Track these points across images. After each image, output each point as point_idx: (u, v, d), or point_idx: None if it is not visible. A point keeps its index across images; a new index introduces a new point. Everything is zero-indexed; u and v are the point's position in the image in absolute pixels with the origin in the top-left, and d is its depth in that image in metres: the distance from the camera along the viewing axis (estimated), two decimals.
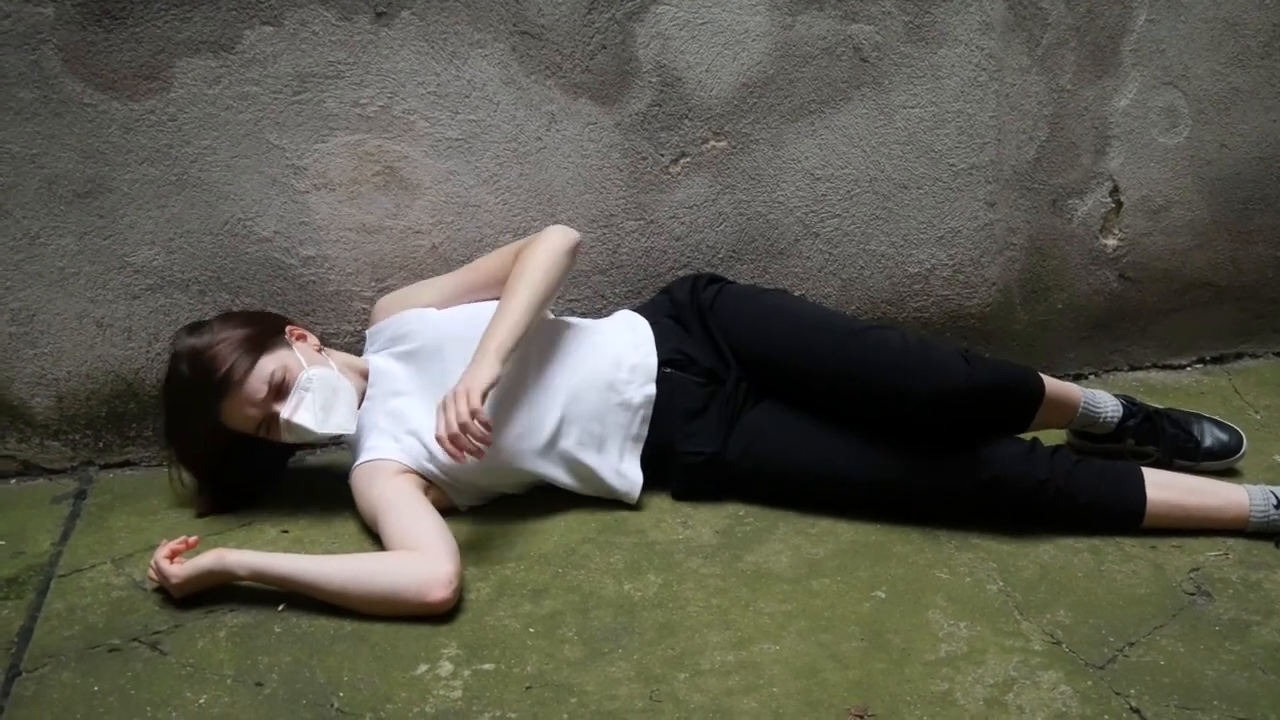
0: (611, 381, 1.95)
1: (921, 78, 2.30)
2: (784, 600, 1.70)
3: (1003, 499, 1.82)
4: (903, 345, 1.89)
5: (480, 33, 2.10)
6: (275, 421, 1.85)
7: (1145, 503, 1.83)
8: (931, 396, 1.82)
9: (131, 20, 1.98)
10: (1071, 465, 1.83)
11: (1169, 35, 2.39)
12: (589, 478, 1.95)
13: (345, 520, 1.94)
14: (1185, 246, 2.54)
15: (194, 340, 1.88)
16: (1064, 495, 1.81)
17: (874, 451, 1.88)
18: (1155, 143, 2.46)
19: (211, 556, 1.68)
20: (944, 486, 1.84)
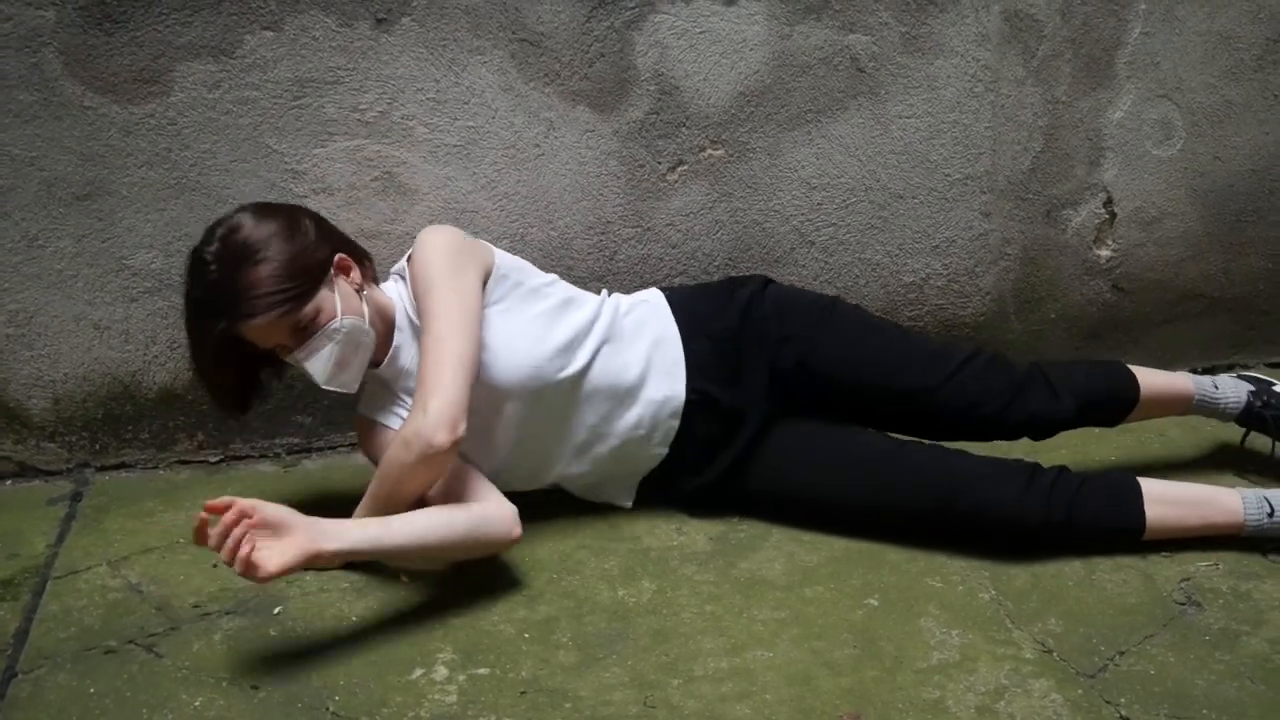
0: (629, 439, 1.90)
1: (918, 88, 2.32)
2: (777, 607, 1.71)
3: (1006, 538, 1.83)
4: (987, 368, 1.97)
5: (480, 40, 2.11)
6: (288, 352, 1.76)
7: (1144, 521, 1.84)
8: (1023, 425, 1.97)
9: (132, 24, 1.98)
10: (1072, 494, 1.83)
11: (1163, 48, 2.41)
12: (592, 491, 1.99)
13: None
14: (1178, 258, 2.56)
15: (239, 250, 1.69)
16: (1065, 527, 1.82)
17: (880, 488, 1.87)
18: (1149, 155, 2.47)
19: (304, 556, 1.54)
20: (933, 505, 1.84)
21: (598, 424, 1.89)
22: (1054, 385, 1.98)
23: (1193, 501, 1.88)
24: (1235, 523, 1.85)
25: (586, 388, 1.87)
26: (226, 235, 1.72)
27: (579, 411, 1.88)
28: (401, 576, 1.79)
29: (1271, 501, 1.85)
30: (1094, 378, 2.05)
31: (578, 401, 1.87)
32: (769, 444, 1.93)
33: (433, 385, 1.68)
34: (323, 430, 2.25)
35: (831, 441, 1.93)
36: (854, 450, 1.91)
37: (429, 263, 1.77)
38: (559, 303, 1.90)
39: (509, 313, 1.85)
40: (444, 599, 1.73)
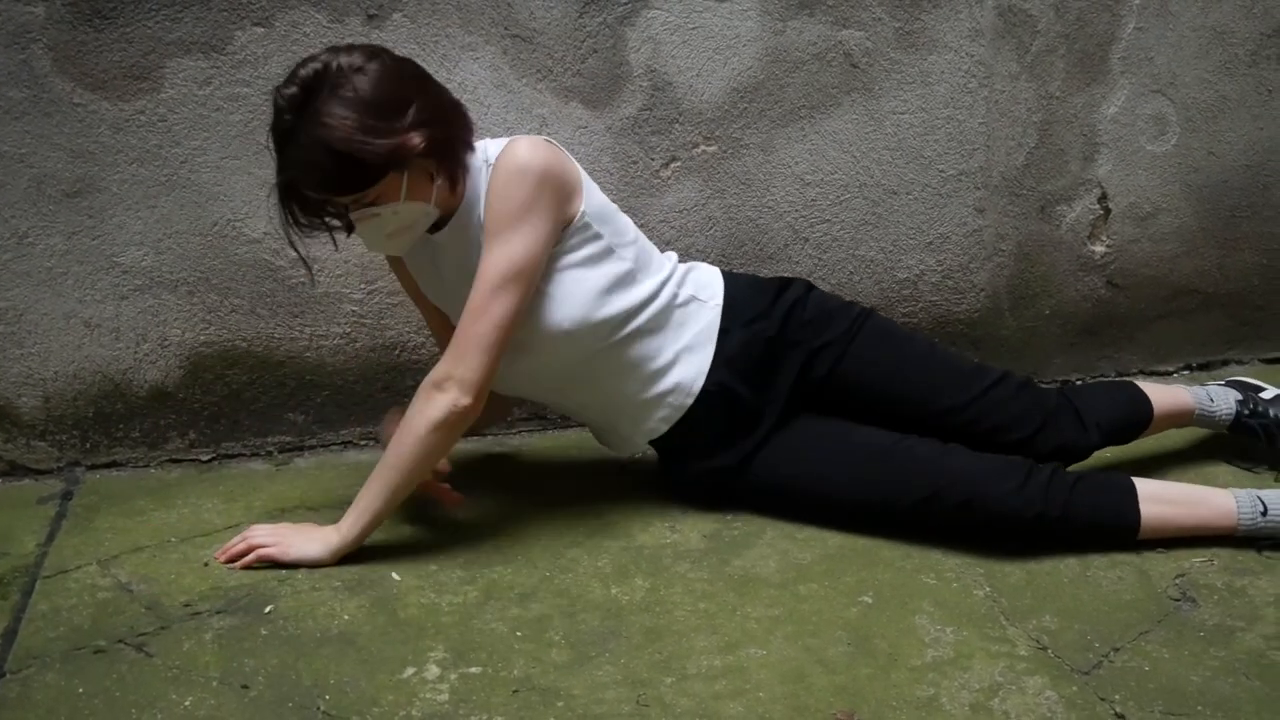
0: (635, 408, 1.92)
1: (911, 84, 2.31)
2: (771, 605, 1.71)
3: (1001, 533, 1.83)
4: (1019, 393, 1.98)
5: (471, 36, 2.10)
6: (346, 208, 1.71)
7: (1139, 520, 1.83)
8: (1051, 454, 1.95)
9: (122, 20, 1.97)
10: (1068, 491, 1.83)
11: (1157, 43, 2.40)
12: (594, 433, 2.06)
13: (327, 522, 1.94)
14: (1173, 253, 2.56)
15: (315, 112, 1.61)
16: (1061, 522, 1.81)
17: (878, 481, 1.87)
18: (1143, 150, 2.47)
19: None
20: (927, 498, 1.84)
21: (608, 389, 1.90)
22: (1082, 416, 2.00)
23: (1187, 501, 1.87)
24: (1229, 524, 1.84)
25: (611, 360, 1.87)
26: (311, 81, 1.62)
27: (593, 374, 1.88)
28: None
29: (1265, 500, 1.85)
30: (1117, 405, 2.07)
31: (596, 367, 1.87)
32: (773, 436, 1.93)
33: (470, 346, 1.72)
34: (315, 428, 2.24)
35: (832, 434, 1.92)
36: (854, 442, 1.91)
37: (506, 198, 1.71)
38: (624, 272, 1.84)
39: (571, 270, 1.80)
40: (435, 597, 1.72)
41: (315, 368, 2.21)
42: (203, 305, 2.13)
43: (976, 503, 1.81)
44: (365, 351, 2.22)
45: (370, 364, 2.23)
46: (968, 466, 1.85)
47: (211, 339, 2.15)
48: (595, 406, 1.96)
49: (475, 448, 2.26)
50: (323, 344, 2.19)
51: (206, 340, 2.15)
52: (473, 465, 2.18)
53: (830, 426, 1.94)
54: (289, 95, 1.62)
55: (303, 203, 1.70)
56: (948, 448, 1.88)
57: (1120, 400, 2.09)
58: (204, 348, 2.15)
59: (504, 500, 2.03)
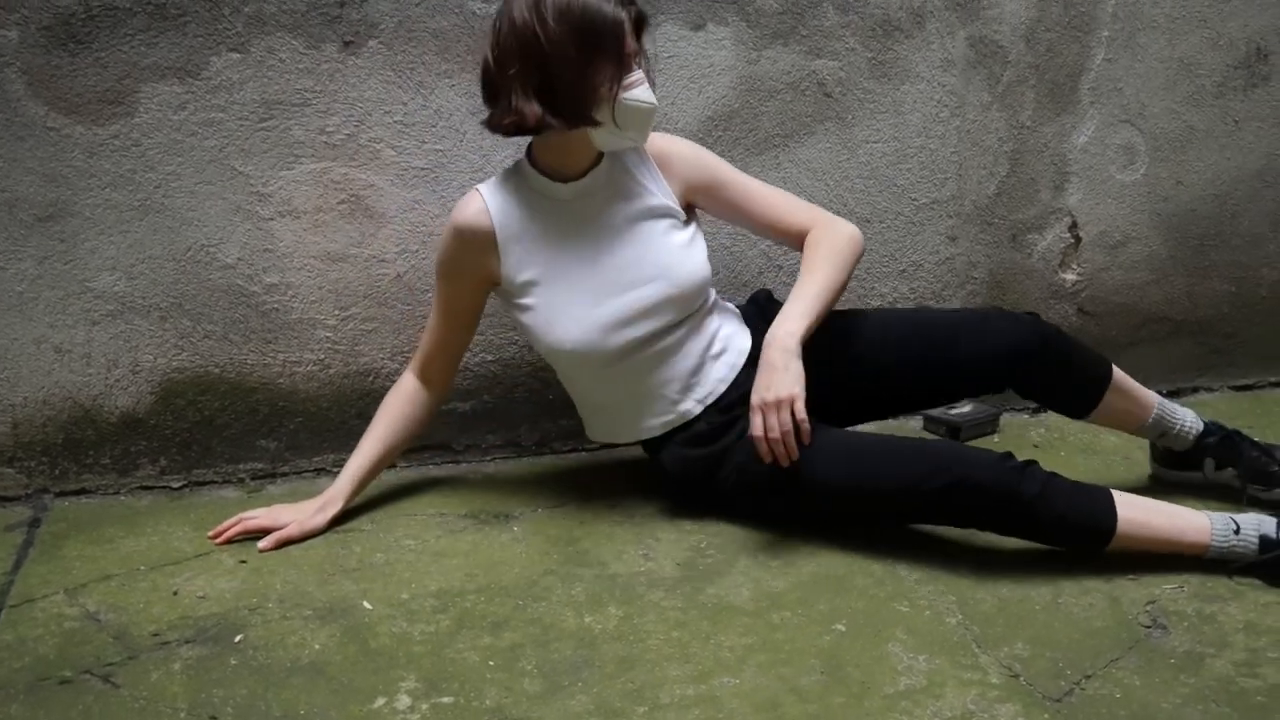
0: (663, 396, 2.00)
1: (884, 113, 2.34)
2: (744, 633, 1.70)
3: (970, 501, 1.83)
4: (976, 316, 2.04)
5: (448, 63, 2.11)
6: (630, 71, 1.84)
7: (1116, 521, 1.84)
8: (1006, 354, 1.97)
9: (97, 45, 1.97)
10: (1045, 478, 1.84)
11: (1126, 74, 2.44)
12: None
13: (304, 550, 1.93)
14: (1142, 281, 2.58)
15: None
16: (1034, 504, 1.81)
17: (850, 454, 1.90)
18: (1113, 179, 2.50)
19: (306, 529, 1.96)
20: (911, 486, 1.85)
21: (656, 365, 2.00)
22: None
23: (1162, 512, 1.88)
24: (1202, 540, 1.85)
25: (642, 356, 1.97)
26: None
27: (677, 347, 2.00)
28: None
29: (1238, 521, 1.86)
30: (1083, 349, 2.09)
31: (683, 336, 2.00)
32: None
33: (815, 210, 2.05)
34: (288, 455, 2.23)
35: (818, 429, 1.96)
36: (837, 435, 1.95)
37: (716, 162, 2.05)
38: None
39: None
40: (407, 626, 1.71)
41: (288, 394, 2.20)
42: (175, 331, 2.12)
43: (953, 467, 1.83)
44: (339, 378, 2.21)
45: (344, 390, 2.22)
46: (949, 448, 1.91)
47: (184, 365, 2.14)
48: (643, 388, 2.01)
49: (449, 473, 2.26)
50: (296, 370, 2.19)
51: (179, 366, 2.14)
52: (446, 491, 2.17)
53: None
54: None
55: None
56: (928, 439, 1.93)
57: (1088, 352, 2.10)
58: (176, 374, 2.14)
59: (476, 528, 2.02)
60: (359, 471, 2.02)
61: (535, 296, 1.95)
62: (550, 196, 1.94)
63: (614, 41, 1.80)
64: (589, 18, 1.78)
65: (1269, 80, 2.52)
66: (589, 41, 1.79)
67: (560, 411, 2.31)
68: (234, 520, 1.97)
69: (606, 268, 1.94)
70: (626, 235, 1.96)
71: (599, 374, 1.98)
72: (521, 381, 2.30)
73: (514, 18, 1.80)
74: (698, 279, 1.98)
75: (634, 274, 1.94)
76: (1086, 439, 2.38)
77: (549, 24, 1.77)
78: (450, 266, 1.98)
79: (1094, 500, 1.85)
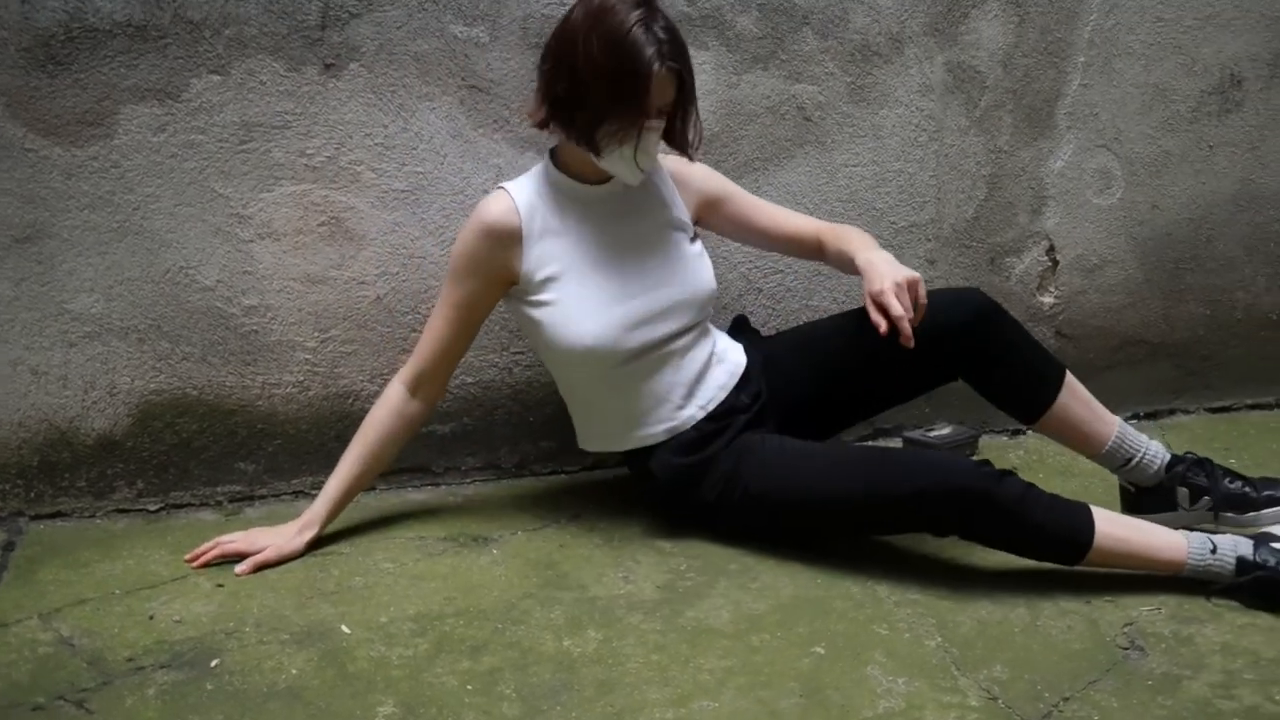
0: (668, 401, 2.02)
1: (863, 137, 2.35)
2: (724, 656, 1.70)
3: (948, 506, 1.83)
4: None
5: (429, 86, 2.11)
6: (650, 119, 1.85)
7: (1093, 534, 1.84)
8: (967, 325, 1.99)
9: (76, 66, 1.97)
10: (1023, 486, 1.85)
11: (1101, 100, 2.46)
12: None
13: (281, 574, 1.91)
14: (1119, 304, 2.60)
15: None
16: (1011, 509, 1.82)
17: (831, 463, 1.93)
18: (1089, 203, 2.52)
19: (284, 552, 1.95)
20: (890, 491, 1.86)
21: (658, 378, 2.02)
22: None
23: (1140, 528, 1.89)
24: (1179, 558, 1.85)
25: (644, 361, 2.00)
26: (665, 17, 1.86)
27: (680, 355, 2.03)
28: None
29: (1215, 541, 1.87)
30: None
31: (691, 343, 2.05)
32: (747, 446, 2.01)
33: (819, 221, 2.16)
34: (266, 478, 2.22)
35: (792, 445, 2.00)
36: (814, 449, 1.99)
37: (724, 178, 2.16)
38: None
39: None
40: (385, 650, 1.70)
41: (267, 416, 2.19)
42: (153, 353, 2.11)
43: (930, 471, 1.84)
44: (318, 400, 2.21)
45: (323, 412, 2.21)
46: (930, 455, 1.97)
47: (161, 387, 2.13)
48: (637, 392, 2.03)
49: (429, 496, 2.25)
50: (275, 392, 2.18)
51: (156, 388, 2.13)
52: (425, 514, 2.16)
53: (787, 440, 2.02)
54: (667, 22, 1.84)
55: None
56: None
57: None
58: (154, 396, 2.13)
59: (455, 550, 2.01)
60: (337, 494, 2.00)
61: (554, 292, 1.95)
62: (575, 197, 1.97)
63: (634, 89, 1.81)
64: (623, 55, 1.79)
65: (1242, 106, 2.55)
66: (614, 77, 1.80)
67: (540, 434, 2.31)
68: (211, 544, 1.96)
69: (628, 269, 1.97)
70: (647, 241, 2.00)
71: (608, 375, 1.99)
72: (501, 404, 2.29)
73: (572, 18, 1.85)
74: (710, 289, 2.05)
75: (654, 278, 1.98)
76: (1065, 461, 2.39)
77: (592, 41, 1.79)
78: (471, 264, 1.95)
79: (1072, 512, 1.86)
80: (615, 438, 2.07)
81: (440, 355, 2.01)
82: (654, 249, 2.01)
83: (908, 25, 2.32)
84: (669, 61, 1.81)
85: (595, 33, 1.80)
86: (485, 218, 1.94)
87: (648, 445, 2.04)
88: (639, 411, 2.02)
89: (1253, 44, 2.52)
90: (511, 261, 1.95)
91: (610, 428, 2.07)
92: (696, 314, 2.03)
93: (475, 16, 2.10)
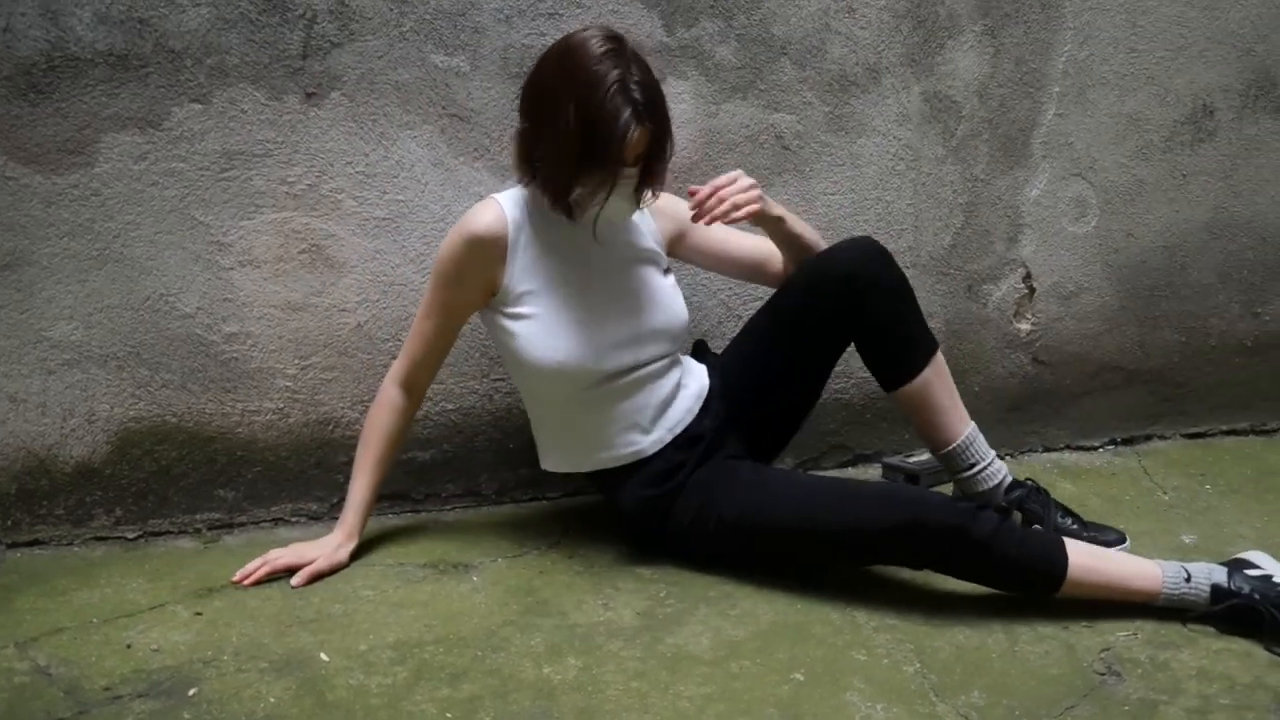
0: (635, 424, 2.03)
1: (841, 165, 2.38)
2: (703, 683, 1.70)
3: (922, 540, 1.85)
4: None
5: (409, 115, 2.13)
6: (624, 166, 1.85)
7: (1067, 566, 1.86)
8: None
9: (57, 95, 1.97)
10: (998, 521, 1.87)
11: (1076, 129, 2.49)
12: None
13: (260, 602, 1.91)
14: (1095, 331, 2.63)
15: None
16: (986, 544, 1.83)
17: (803, 494, 1.95)
18: (1065, 231, 2.55)
19: (334, 562, 2.00)
20: (864, 525, 1.87)
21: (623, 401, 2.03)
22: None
23: (1113, 559, 1.91)
24: (1153, 587, 1.87)
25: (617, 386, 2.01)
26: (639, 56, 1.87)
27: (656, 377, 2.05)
28: None
29: (1188, 569, 1.88)
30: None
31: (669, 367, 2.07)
32: (717, 474, 2.03)
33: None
34: (245, 505, 2.22)
35: (761, 474, 2.04)
36: (791, 477, 2.08)
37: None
38: None
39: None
40: (364, 678, 1.70)
41: (247, 443, 2.19)
42: (132, 380, 2.11)
43: (912, 521, 1.84)
44: (298, 427, 2.20)
45: (303, 440, 2.21)
46: (905, 489, 1.99)
47: (141, 414, 2.13)
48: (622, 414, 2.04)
49: (409, 522, 2.25)
50: (255, 419, 2.18)
51: (136, 415, 2.13)
52: (405, 541, 2.16)
53: (760, 468, 2.06)
54: (634, 52, 1.86)
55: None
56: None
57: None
58: (133, 423, 2.13)
59: (435, 578, 2.01)
60: (366, 502, 2.05)
61: (531, 307, 1.96)
62: (559, 219, 1.95)
63: (610, 153, 1.81)
64: (600, 125, 1.79)
65: (1215, 136, 2.58)
66: (590, 147, 1.80)
67: (520, 460, 2.31)
68: (259, 562, 1.98)
69: (609, 291, 1.99)
70: (628, 268, 2.03)
71: (579, 395, 1.99)
72: (482, 430, 2.30)
73: (546, 72, 1.87)
74: (685, 320, 2.09)
75: (634, 302, 2.01)
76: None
77: (569, 111, 1.79)
78: (456, 269, 1.96)
79: (1046, 545, 1.88)
80: (579, 458, 2.08)
81: (428, 356, 2.04)
82: (634, 276, 2.03)
83: (884, 56, 2.35)
84: (646, 121, 1.82)
85: (572, 101, 1.80)
86: (474, 226, 1.94)
87: (610, 468, 2.04)
88: (606, 434, 2.03)
89: (1224, 74, 2.55)
90: (495, 271, 1.96)
91: (575, 448, 2.07)
92: (671, 344, 2.06)
93: (456, 46, 2.12)
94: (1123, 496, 2.38)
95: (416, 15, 2.09)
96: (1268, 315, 2.72)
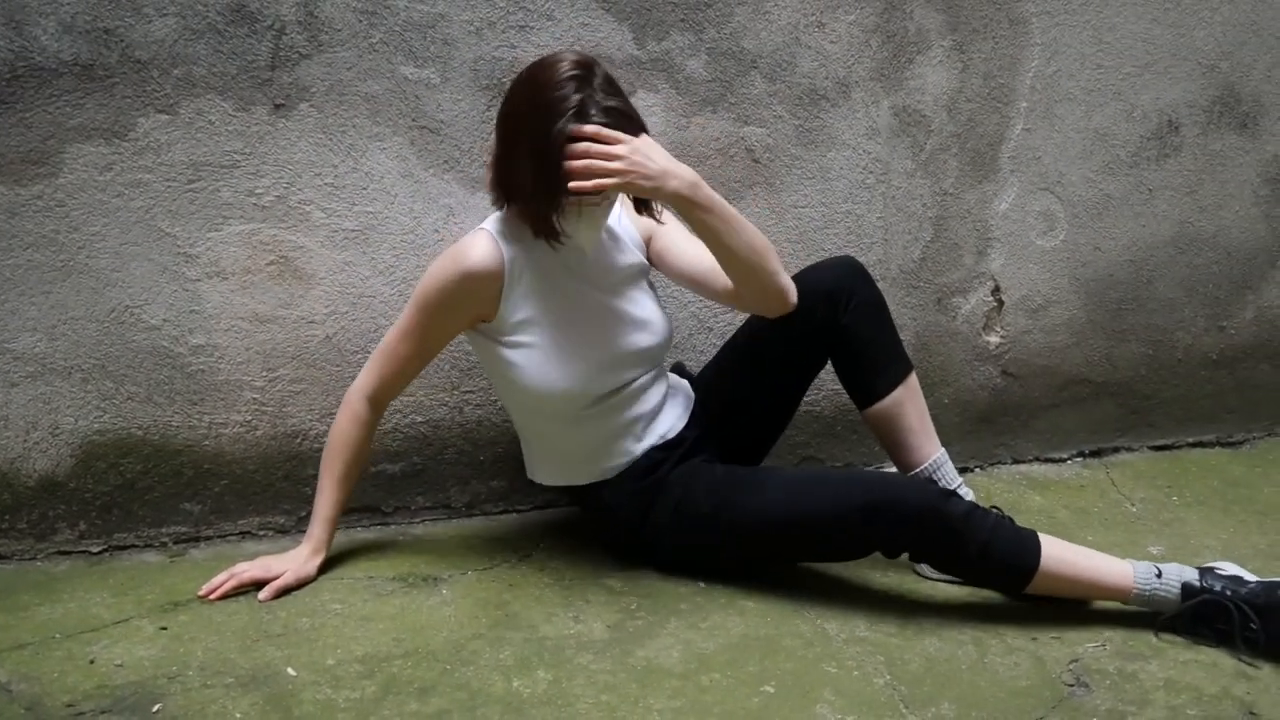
0: (630, 434, 2.04)
1: (811, 179, 2.38)
2: (673, 696, 1.70)
3: (897, 522, 1.86)
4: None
5: (379, 126, 2.12)
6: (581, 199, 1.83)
7: (1040, 555, 1.87)
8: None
9: (21, 105, 1.95)
10: (970, 505, 1.89)
11: (1044, 144, 2.52)
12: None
13: (226, 616, 1.89)
14: (1063, 344, 2.64)
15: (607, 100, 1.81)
16: (959, 527, 1.85)
17: (778, 484, 1.96)
18: (1033, 245, 2.57)
19: (301, 576, 1.98)
20: (838, 508, 1.88)
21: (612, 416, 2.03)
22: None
23: (1085, 554, 1.92)
24: (1125, 584, 1.88)
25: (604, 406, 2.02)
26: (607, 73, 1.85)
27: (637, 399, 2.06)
28: None
29: (1160, 567, 1.89)
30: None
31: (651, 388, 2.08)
32: (695, 471, 2.05)
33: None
34: (212, 518, 2.19)
35: (745, 469, 2.08)
36: (761, 470, 2.11)
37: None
38: None
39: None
40: (332, 693, 1.68)
41: (213, 456, 2.17)
42: (97, 393, 2.08)
43: (886, 501, 1.86)
44: (266, 440, 2.18)
45: (271, 452, 2.19)
46: (878, 473, 2.06)
47: (105, 427, 2.10)
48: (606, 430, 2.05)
49: (378, 535, 2.23)
50: (222, 432, 2.16)
51: (100, 428, 2.10)
52: (374, 554, 2.14)
53: (735, 466, 2.08)
54: (605, 74, 1.84)
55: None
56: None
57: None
58: (97, 436, 2.10)
59: (404, 591, 1.99)
60: (332, 514, 2.03)
61: (530, 335, 1.95)
62: (547, 246, 1.93)
63: (556, 177, 1.79)
64: (565, 153, 1.77)
65: (1180, 151, 2.61)
66: (555, 173, 1.78)
67: (491, 473, 2.30)
68: (226, 575, 1.96)
69: (603, 314, 1.99)
70: (619, 287, 2.03)
71: (577, 415, 1.99)
72: (451, 443, 2.29)
73: (515, 99, 1.85)
74: (669, 332, 2.09)
75: (627, 322, 2.01)
76: (1012, 499, 2.42)
77: (535, 137, 1.78)
78: (446, 301, 1.92)
79: (1019, 534, 1.90)
80: (576, 472, 2.07)
81: (400, 377, 2.01)
82: (624, 295, 2.03)
83: (854, 70, 2.36)
84: (586, 115, 1.79)
85: (539, 128, 1.78)
86: (468, 263, 1.90)
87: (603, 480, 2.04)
88: (603, 448, 2.03)
89: (1189, 91, 2.59)
90: (488, 303, 1.94)
91: (571, 463, 2.07)
92: (660, 356, 2.08)
93: (426, 58, 2.12)
94: (1091, 508, 2.39)
95: (386, 27, 2.09)
96: (1233, 329, 2.75)
